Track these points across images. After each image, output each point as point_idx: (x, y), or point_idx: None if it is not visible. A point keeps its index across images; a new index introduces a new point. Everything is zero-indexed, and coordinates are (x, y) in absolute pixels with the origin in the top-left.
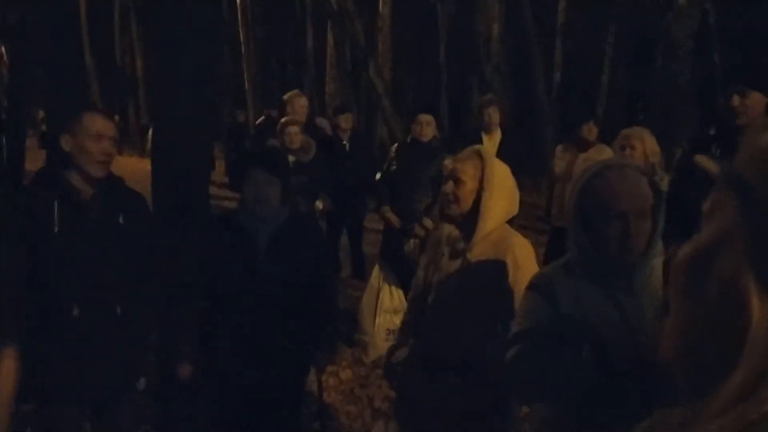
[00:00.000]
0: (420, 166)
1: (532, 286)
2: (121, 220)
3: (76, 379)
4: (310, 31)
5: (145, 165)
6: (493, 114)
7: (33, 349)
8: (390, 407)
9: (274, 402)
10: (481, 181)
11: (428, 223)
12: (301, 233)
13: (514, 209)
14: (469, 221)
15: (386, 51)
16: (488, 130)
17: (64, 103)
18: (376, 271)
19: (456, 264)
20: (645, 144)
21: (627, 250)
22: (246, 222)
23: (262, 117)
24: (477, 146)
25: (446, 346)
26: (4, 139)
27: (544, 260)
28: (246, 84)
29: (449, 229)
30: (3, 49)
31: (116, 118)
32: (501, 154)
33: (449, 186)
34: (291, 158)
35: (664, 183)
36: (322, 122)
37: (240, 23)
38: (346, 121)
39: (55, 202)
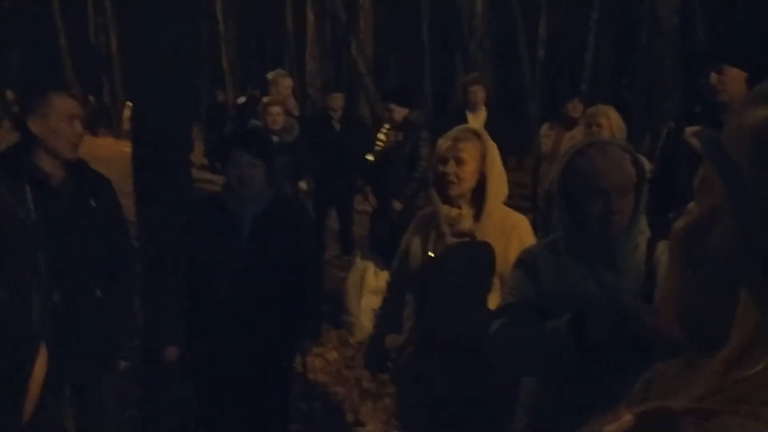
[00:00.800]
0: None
1: (518, 262)
2: (93, 203)
3: (57, 363)
4: (290, 8)
5: (120, 146)
6: (478, 92)
7: (13, 336)
8: (377, 387)
9: (261, 384)
10: (482, 162)
11: (397, 205)
12: (285, 215)
13: (506, 189)
14: (470, 201)
15: (368, 28)
16: (473, 109)
17: (36, 84)
18: (360, 252)
19: (459, 243)
20: (611, 121)
21: (609, 226)
22: (230, 204)
23: (244, 97)
24: (470, 126)
25: (457, 327)
26: None
27: None
28: (225, 63)
29: (447, 209)
30: None
31: (91, 99)
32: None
33: (451, 166)
34: (275, 139)
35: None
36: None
37: (218, 1)
38: (336, 101)
39: (27, 187)
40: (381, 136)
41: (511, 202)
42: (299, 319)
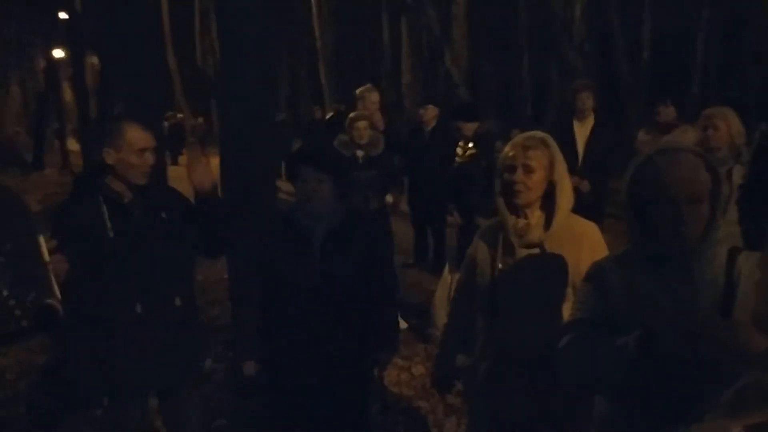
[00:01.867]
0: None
1: (587, 276)
2: (163, 215)
3: (143, 371)
4: (386, 22)
5: None
6: (587, 99)
7: (101, 348)
8: (462, 403)
9: (339, 398)
10: (550, 170)
11: (481, 222)
12: (357, 231)
13: (573, 197)
14: (542, 210)
15: (462, 39)
16: (581, 116)
17: (147, 104)
18: (448, 264)
19: (529, 255)
20: (729, 124)
21: (680, 237)
22: (301, 220)
23: (332, 112)
24: (539, 134)
25: (530, 342)
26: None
27: None
28: (322, 79)
29: (514, 220)
30: (96, 59)
31: (200, 119)
32: (592, 141)
33: (519, 174)
34: (360, 153)
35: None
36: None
37: (315, 18)
38: (428, 113)
39: (103, 206)
40: (459, 150)
41: (613, 209)
42: (375, 333)
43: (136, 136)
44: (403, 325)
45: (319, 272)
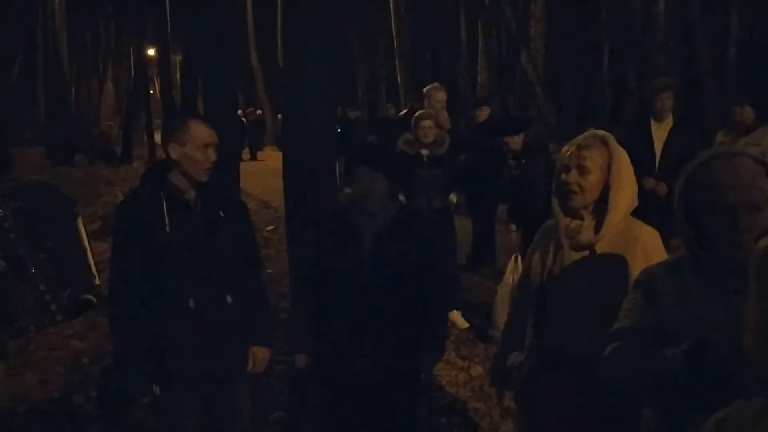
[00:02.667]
0: None
1: (635, 283)
2: (221, 214)
3: (194, 365)
4: (463, 21)
5: None
6: (667, 100)
7: (155, 340)
8: (518, 415)
9: (387, 396)
10: (608, 171)
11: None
12: (408, 229)
13: (635, 200)
14: (595, 212)
15: (539, 37)
16: (659, 117)
17: (228, 101)
18: (511, 264)
19: (579, 257)
20: None
21: (737, 247)
22: (354, 217)
23: (404, 110)
24: (600, 132)
25: (575, 346)
26: None
27: None
28: (399, 77)
29: (567, 221)
30: (179, 58)
31: (279, 116)
32: (670, 143)
33: (573, 175)
34: (425, 152)
35: None
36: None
37: (392, 16)
38: (481, 114)
39: (164, 203)
40: (511, 162)
41: None
42: (422, 334)
43: (200, 131)
44: (464, 324)
45: (369, 269)
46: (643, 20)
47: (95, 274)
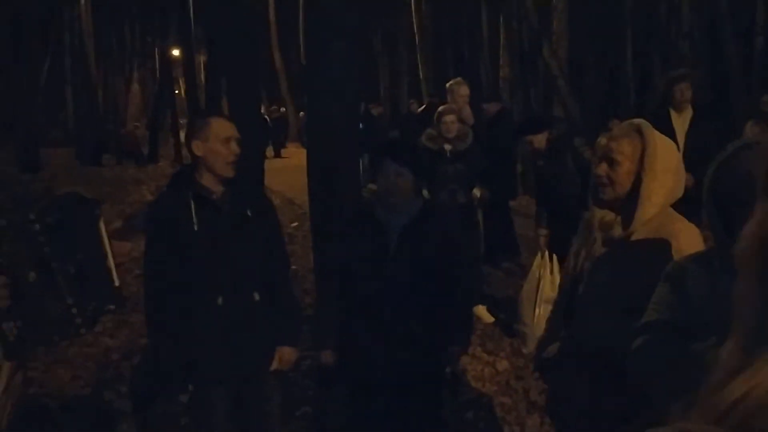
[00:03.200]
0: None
1: (665, 275)
2: (249, 212)
3: (224, 361)
4: (485, 15)
5: None
6: (686, 90)
7: (186, 337)
8: (545, 401)
9: (413, 391)
10: (641, 162)
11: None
12: (434, 224)
13: (679, 192)
14: (627, 205)
15: (562, 30)
16: (678, 108)
17: (252, 99)
18: (537, 259)
19: (608, 251)
20: None
21: None
22: (379, 213)
23: (424, 105)
24: (636, 121)
25: (600, 339)
26: None
27: None
28: (421, 73)
29: (602, 214)
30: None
31: (301, 114)
32: (691, 134)
33: (602, 168)
34: (448, 147)
35: None
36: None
37: (413, 12)
38: (491, 109)
39: (192, 203)
40: (540, 163)
41: None
42: (448, 326)
43: (221, 125)
44: (489, 319)
45: (395, 264)
46: (667, 9)
47: (115, 278)
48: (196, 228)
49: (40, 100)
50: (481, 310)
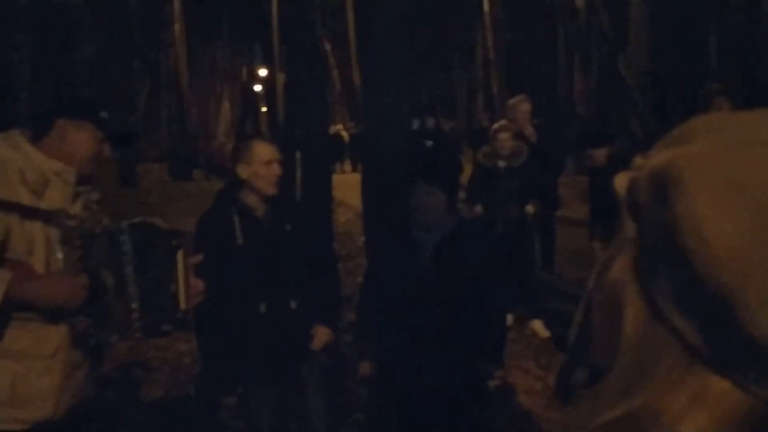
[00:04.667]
0: None
1: None
2: (288, 227)
3: (266, 364)
4: (560, 29)
5: None
6: (724, 104)
7: (234, 343)
8: None
9: (451, 406)
10: None
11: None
12: (467, 243)
13: None
14: None
15: (639, 41)
16: None
17: (320, 118)
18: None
19: None
20: None
21: None
22: (413, 231)
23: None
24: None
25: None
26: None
27: None
28: (494, 87)
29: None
30: (283, 77)
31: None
32: None
33: None
34: (502, 163)
35: None
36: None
37: (487, 26)
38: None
39: (236, 218)
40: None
41: None
42: (482, 342)
43: (263, 149)
44: (544, 333)
45: (428, 282)
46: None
47: (181, 302)
48: (240, 242)
49: (139, 120)
50: (536, 325)
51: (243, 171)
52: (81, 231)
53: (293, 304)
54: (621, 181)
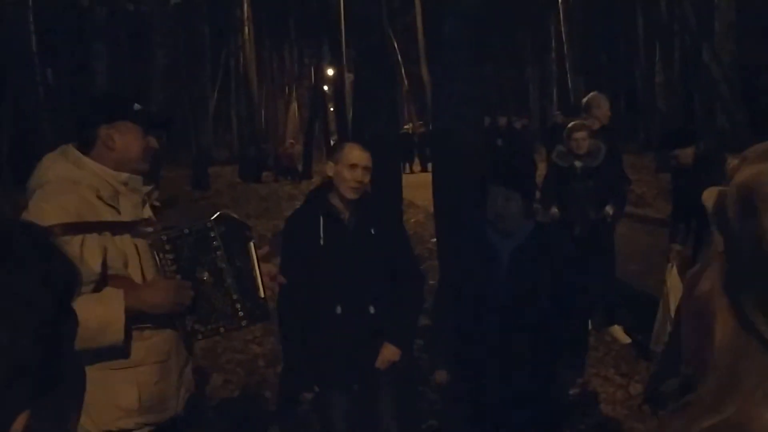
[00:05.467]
0: None
1: None
2: (372, 231)
3: (341, 367)
4: (640, 19)
5: None
6: None
7: (312, 342)
8: None
9: (529, 415)
10: None
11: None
12: (544, 248)
13: None
14: None
15: (725, 29)
16: None
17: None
18: (667, 275)
19: None
20: None
21: None
22: (491, 236)
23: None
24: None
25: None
26: None
27: None
28: (570, 84)
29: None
30: (351, 77)
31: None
32: None
33: None
34: (578, 164)
35: None
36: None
37: (562, 22)
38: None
39: (321, 219)
40: (681, 182)
41: None
42: (562, 350)
43: (351, 151)
44: (625, 340)
45: (505, 288)
46: None
47: (261, 289)
48: (322, 243)
49: (210, 124)
50: (617, 331)
51: (330, 169)
52: (168, 235)
53: (372, 309)
54: (710, 196)
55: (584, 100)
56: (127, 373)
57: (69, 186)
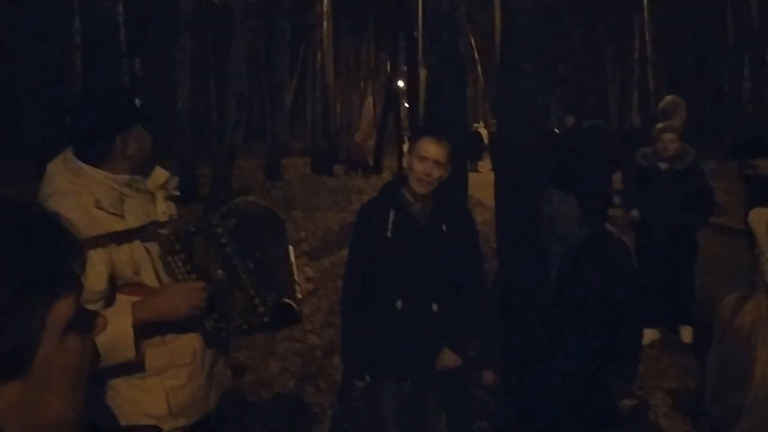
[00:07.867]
0: None
1: None
2: (444, 228)
3: (395, 361)
4: (729, 19)
5: None
6: None
7: (369, 333)
8: None
9: (579, 421)
10: None
11: None
12: (599, 252)
13: None
14: None
15: None
16: None
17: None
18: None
19: None
20: None
21: None
22: (543, 238)
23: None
24: None
25: None
26: None
27: None
28: (651, 85)
29: None
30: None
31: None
32: None
33: None
34: (663, 165)
35: None
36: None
37: (646, 22)
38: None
39: (391, 212)
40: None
41: None
42: (613, 358)
43: (423, 144)
44: (688, 339)
45: (555, 292)
46: None
47: (298, 285)
48: (389, 235)
49: (287, 116)
50: (686, 330)
51: (405, 161)
52: (177, 235)
53: (434, 307)
54: (759, 217)
55: (661, 104)
56: (154, 381)
57: (70, 201)
